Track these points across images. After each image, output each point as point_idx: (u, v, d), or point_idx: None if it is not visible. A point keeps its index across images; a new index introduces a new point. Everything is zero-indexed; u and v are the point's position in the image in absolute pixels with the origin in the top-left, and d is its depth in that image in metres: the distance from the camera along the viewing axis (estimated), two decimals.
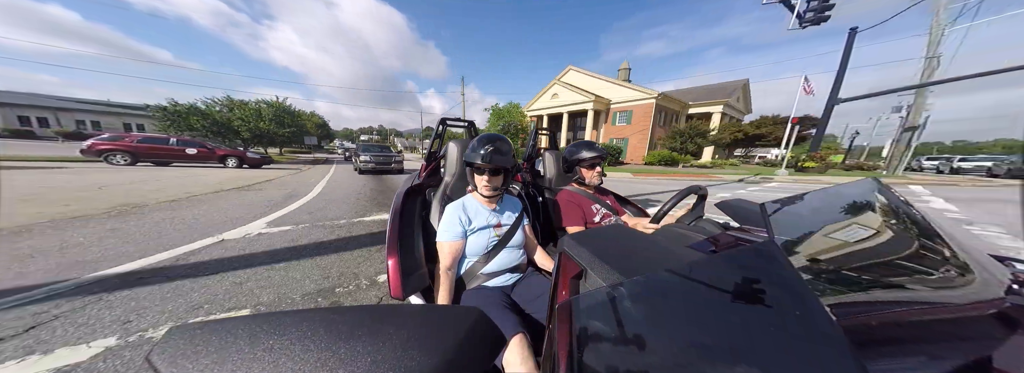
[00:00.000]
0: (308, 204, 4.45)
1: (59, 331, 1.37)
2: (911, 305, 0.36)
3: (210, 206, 4.00)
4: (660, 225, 1.18)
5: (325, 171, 10.53)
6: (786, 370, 0.24)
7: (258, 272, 2.04)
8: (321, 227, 3.21)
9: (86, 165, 8.32)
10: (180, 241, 2.58)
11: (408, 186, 1.31)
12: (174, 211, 3.63)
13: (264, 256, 2.33)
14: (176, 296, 1.69)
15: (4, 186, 4.49)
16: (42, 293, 1.68)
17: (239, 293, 1.76)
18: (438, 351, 0.26)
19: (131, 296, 1.68)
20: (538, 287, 1.04)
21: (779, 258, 0.31)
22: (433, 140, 1.84)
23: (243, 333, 0.25)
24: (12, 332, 1.35)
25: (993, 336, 0.34)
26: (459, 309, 0.31)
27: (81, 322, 1.43)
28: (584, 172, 1.53)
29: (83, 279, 1.85)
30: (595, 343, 0.33)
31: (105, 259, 2.16)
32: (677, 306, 0.33)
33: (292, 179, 7.68)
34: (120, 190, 4.83)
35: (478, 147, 1.06)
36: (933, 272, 0.43)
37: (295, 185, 6.49)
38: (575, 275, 0.52)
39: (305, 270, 2.11)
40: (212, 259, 2.23)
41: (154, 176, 6.70)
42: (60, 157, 9.33)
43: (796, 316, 0.26)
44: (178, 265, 2.11)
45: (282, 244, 2.62)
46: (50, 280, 1.83)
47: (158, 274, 1.96)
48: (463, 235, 1.05)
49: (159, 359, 0.23)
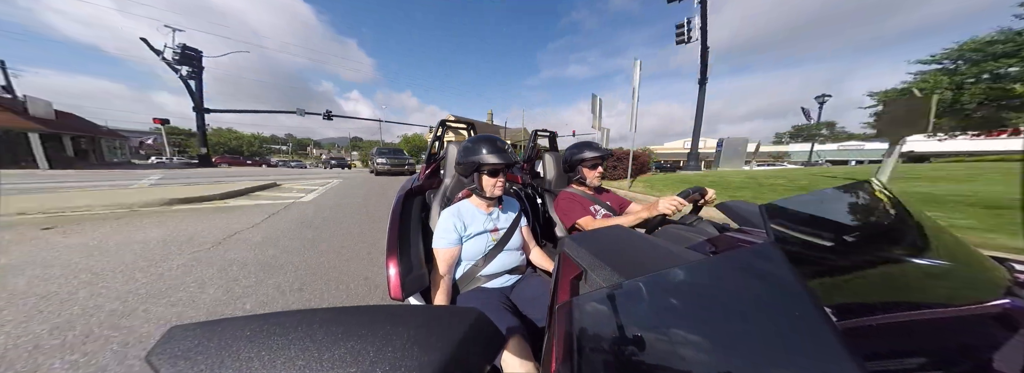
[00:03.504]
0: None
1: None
2: (911, 306, 0.36)
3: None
4: (660, 227, 1.18)
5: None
6: (786, 371, 0.24)
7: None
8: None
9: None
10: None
11: (408, 188, 1.32)
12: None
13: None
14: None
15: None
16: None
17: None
18: (438, 351, 0.26)
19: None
20: (537, 288, 1.04)
21: (778, 259, 0.31)
22: (432, 142, 1.86)
23: (243, 333, 0.25)
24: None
25: (993, 337, 0.34)
26: (459, 309, 0.31)
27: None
28: (586, 172, 1.53)
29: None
30: (594, 344, 0.33)
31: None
32: (677, 307, 0.33)
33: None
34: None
35: (489, 148, 1.04)
36: (933, 273, 0.43)
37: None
38: (575, 276, 0.52)
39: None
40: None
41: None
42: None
43: (795, 317, 0.26)
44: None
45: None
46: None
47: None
48: (459, 241, 1.04)
49: (159, 359, 0.23)
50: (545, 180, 1.91)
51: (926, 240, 0.48)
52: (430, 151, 1.80)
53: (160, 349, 0.23)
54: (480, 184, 1.08)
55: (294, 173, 15.34)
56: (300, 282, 1.96)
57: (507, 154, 1.05)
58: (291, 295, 1.79)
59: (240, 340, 0.25)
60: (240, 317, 0.26)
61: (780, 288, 0.30)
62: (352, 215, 4.12)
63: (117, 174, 11.63)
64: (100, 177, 9.91)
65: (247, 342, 0.24)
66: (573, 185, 1.60)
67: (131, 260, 2.27)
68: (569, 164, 1.59)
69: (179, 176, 10.91)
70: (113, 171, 13.39)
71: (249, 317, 0.26)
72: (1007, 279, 0.46)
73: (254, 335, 0.25)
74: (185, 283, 1.91)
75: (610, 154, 1.55)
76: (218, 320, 0.26)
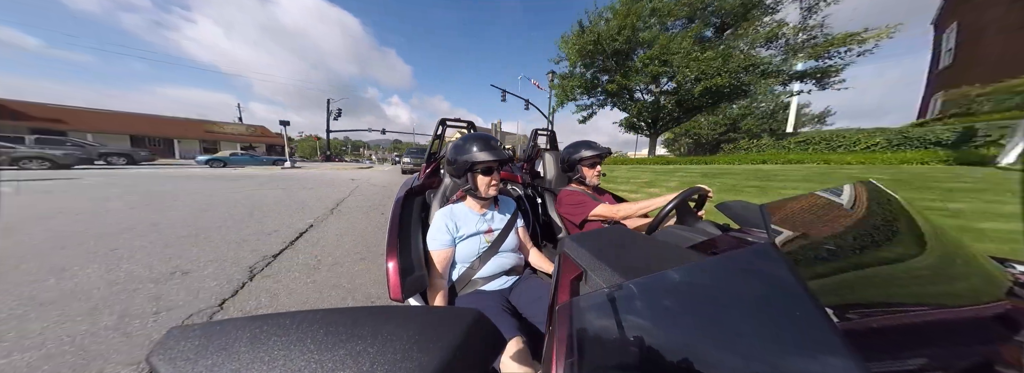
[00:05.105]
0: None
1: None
2: (911, 306, 0.36)
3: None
4: (660, 227, 1.17)
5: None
6: (786, 371, 0.24)
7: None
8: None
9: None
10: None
11: (408, 187, 1.31)
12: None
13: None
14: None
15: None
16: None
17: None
18: (438, 352, 0.26)
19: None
20: (536, 290, 1.03)
21: (779, 259, 0.31)
22: (432, 141, 1.84)
23: (243, 334, 0.25)
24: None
25: (993, 337, 0.34)
26: (459, 310, 0.31)
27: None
28: (585, 171, 1.52)
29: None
30: (595, 345, 0.33)
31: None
32: (677, 308, 0.33)
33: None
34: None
35: (480, 146, 1.01)
36: (933, 273, 0.43)
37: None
38: (575, 277, 0.52)
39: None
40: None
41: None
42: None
43: (796, 317, 0.26)
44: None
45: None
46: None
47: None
48: (451, 243, 1.02)
49: (159, 360, 0.23)
50: (545, 179, 1.89)
51: (926, 240, 0.48)
52: (430, 150, 1.79)
53: (160, 350, 0.23)
54: (475, 184, 1.05)
55: (366, 164, 28.39)
56: (388, 179, 10.22)
57: (499, 151, 1.02)
58: (391, 175, 12.27)
59: (240, 341, 0.25)
60: (240, 318, 0.26)
61: (780, 288, 0.30)
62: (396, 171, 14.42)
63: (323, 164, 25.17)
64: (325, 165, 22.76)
65: (247, 343, 0.24)
66: (573, 184, 1.59)
67: (343, 174, 12.64)
68: (568, 163, 1.57)
69: (329, 164, 23.83)
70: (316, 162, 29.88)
71: (249, 318, 0.26)
72: (1007, 279, 0.45)
73: (254, 336, 0.25)
74: (367, 176, 11.15)
75: (609, 152, 1.54)
76: (219, 321, 0.26)
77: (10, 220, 3.22)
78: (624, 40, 11.63)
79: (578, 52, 12.66)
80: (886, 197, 0.55)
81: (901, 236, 0.50)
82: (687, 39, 11.04)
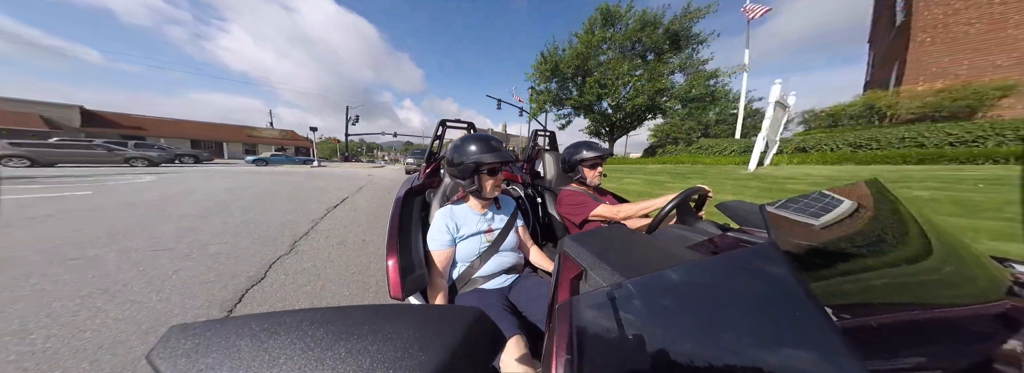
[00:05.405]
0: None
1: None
2: (911, 306, 0.36)
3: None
4: (660, 227, 1.17)
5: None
6: (786, 371, 0.24)
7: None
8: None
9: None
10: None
11: (408, 187, 1.31)
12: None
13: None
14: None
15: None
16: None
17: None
18: (438, 350, 0.25)
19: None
20: (536, 289, 1.03)
21: (779, 259, 0.31)
22: (433, 141, 1.84)
23: (243, 333, 0.25)
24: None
25: (993, 337, 0.34)
26: (459, 308, 0.30)
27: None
28: (586, 172, 1.51)
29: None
30: (594, 344, 0.33)
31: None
32: (677, 307, 0.33)
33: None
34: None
35: (486, 147, 1.00)
36: (933, 273, 0.42)
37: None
38: (575, 276, 0.51)
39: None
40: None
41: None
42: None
43: (796, 317, 0.26)
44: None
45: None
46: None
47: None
48: (452, 243, 1.02)
49: (159, 359, 0.22)
50: (546, 179, 1.89)
51: (926, 240, 0.47)
52: (430, 150, 1.78)
53: (160, 348, 0.23)
54: (481, 185, 1.03)
55: (379, 164, 31.99)
56: (395, 175, 13.67)
57: (504, 152, 1.02)
58: (399, 172, 15.71)
59: (241, 339, 0.24)
60: (241, 316, 0.26)
61: (780, 288, 0.30)
62: (403, 170, 16.27)
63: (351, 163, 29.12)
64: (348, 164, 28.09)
65: (248, 341, 0.24)
66: (573, 184, 1.59)
67: (361, 171, 16.44)
68: (569, 164, 1.56)
69: (348, 164, 28.05)
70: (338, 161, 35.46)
71: (250, 316, 0.26)
72: (1007, 279, 0.45)
73: (255, 334, 0.25)
74: (379, 173, 14.56)
75: (610, 153, 1.55)
76: (219, 319, 0.26)
77: (211, 190, 6.21)
78: (575, 68, 16.52)
79: (542, 75, 17.39)
80: (888, 197, 0.54)
81: (901, 236, 0.49)
82: (625, 64, 15.67)
